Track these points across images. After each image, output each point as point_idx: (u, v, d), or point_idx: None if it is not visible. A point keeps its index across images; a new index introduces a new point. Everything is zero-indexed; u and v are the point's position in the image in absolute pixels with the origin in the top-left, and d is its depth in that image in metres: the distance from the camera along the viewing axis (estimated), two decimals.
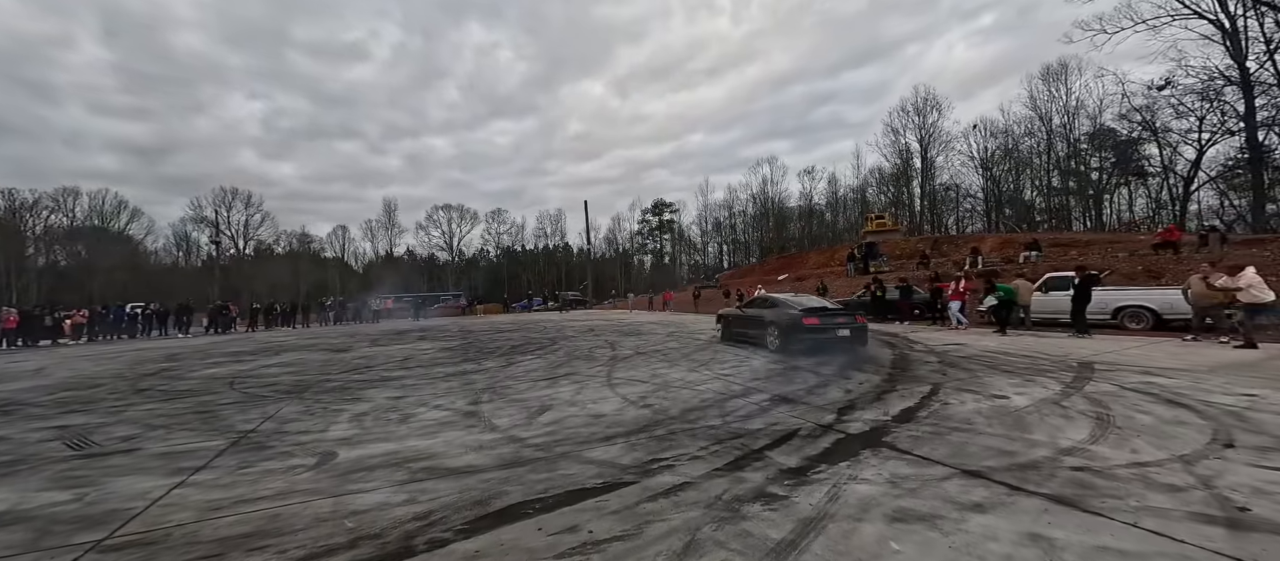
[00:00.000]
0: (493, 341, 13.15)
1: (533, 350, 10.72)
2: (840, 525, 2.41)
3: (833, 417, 4.42)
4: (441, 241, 69.13)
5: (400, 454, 3.81)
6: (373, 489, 3.11)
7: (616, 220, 76.51)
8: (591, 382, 6.57)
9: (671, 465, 3.36)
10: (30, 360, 12.07)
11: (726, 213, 69.75)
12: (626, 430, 4.25)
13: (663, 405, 5.13)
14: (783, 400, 5.16)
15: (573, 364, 8.36)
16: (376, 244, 68.65)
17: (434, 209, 68.83)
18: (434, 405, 5.51)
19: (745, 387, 5.88)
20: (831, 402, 4.99)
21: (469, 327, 19.62)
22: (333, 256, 67.58)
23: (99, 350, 14.71)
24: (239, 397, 6.30)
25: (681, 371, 7.20)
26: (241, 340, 16.87)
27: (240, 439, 4.37)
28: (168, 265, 60.17)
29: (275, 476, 3.40)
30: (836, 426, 4.14)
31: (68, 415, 5.58)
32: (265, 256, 61.77)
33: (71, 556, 2.38)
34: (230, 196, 58.59)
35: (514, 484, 3.11)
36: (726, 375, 6.76)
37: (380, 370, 8.42)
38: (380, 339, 15.20)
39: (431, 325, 22.73)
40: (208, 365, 9.85)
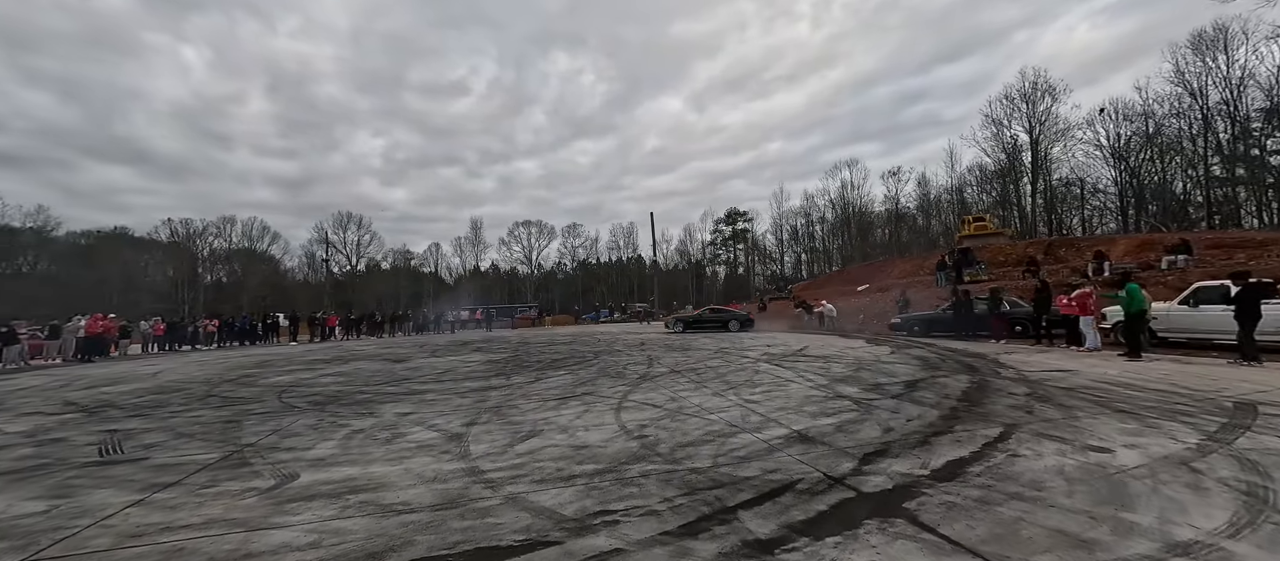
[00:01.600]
0: (540, 354, 13.19)
1: (570, 365, 10.50)
2: None
3: (851, 466, 3.55)
4: (521, 256, 72.95)
5: (354, 482, 3.60)
6: (291, 524, 2.89)
7: (688, 231, 75.90)
8: (601, 405, 6.10)
9: (616, 521, 2.79)
10: (161, 363, 14.17)
11: (803, 220, 66.34)
12: (597, 468, 3.73)
13: (658, 437, 4.53)
14: (801, 439, 4.32)
15: (598, 382, 7.95)
16: (464, 259, 74.10)
17: (515, 225, 72.89)
18: (431, 424, 5.36)
19: (765, 418, 5.07)
20: (860, 444, 4.08)
21: (529, 339, 20.09)
22: (429, 271, 74.17)
23: (219, 355, 16.98)
24: (274, 408, 6.66)
25: (705, 395, 6.49)
26: (331, 349, 18.65)
27: (232, 454, 4.47)
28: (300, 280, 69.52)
29: (222, 500, 3.33)
30: (849, 480, 3.29)
31: (132, 418, 6.21)
32: (374, 272, 69.35)
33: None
34: (346, 220, 66.49)
35: (430, 532, 2.72)
36: (751, 402, 5.95)
37: (414, 383, 8.62)
38: (441, 350, 15.96)
39: (496, 336, 23.67)
40: (280, 373, 10.81)
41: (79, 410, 6.93)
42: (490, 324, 30.02)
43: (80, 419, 6.32)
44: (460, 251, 73.73)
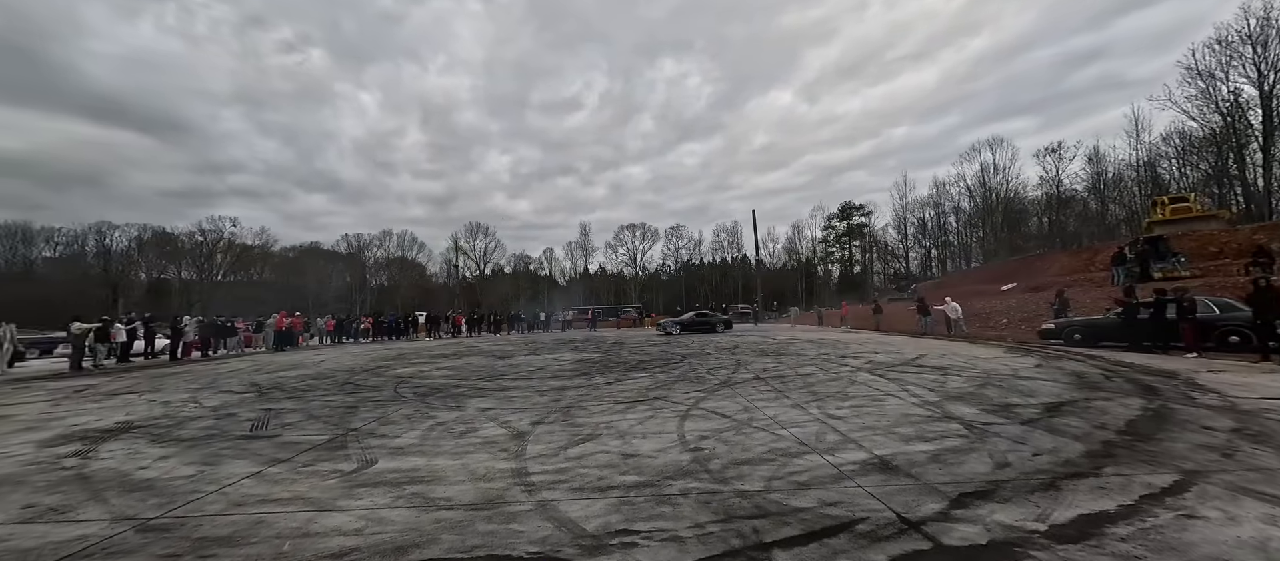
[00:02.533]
0: (629, 356, 13.33)
1: (654, 367, 10.42)
2: None
3: (937, 508, 2.90)
4: (627, 258, 75.28)
5: (416, 473, 3.88)
6: (350, 508, 3.17)
7: (796, 228, 71.90)
8: (668, 411, 5.89)
9: (634, 543, 2.58)
10: (327, 354, 17.11)
11: (932, 211, 58.75)
12: (638, 480, 3.54)
13: (715, 451, 4.20)
14: (882, 467, 3.68)
15: (674, 387, 7.74)
16: (575, 262, 78.63)
17: (621, 229, 75.43)
18: (503, 421, 5.63)
19: (844, 438, 4.44)
20: (959, 480, 3.34)
21: (626, 340, 20.51)
22: (544, 274, 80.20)
23: (369, 348, 20.04)
24: (387, 397, 7.57)
25: (783, 406, 5.93)
26: (454, 345, 20.96)
27: (338, 437, 5.12)
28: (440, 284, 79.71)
29: (311, 479, 3.79)
30: (928, 525, 2.68)
31: (287, 399, 7.50)
32: (498, 275, 76.94)
33: (129, 527, 2.96)
34: (475, 229, 74.64)
35: (455, 533, 2.78)
36: (834, 417, 5.27)
37: (506, 379, 9.22)
38: (542, 348, 16.98)
39: (597, 336, 24.57)
40: (406, 366, 12.34)
41: (256, 390, 8.59)
42: (595, 324, 31.32)
43: (253, 398, 7.80)
44: (571, 255, 78.40)
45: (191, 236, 60.14)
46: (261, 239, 64.88)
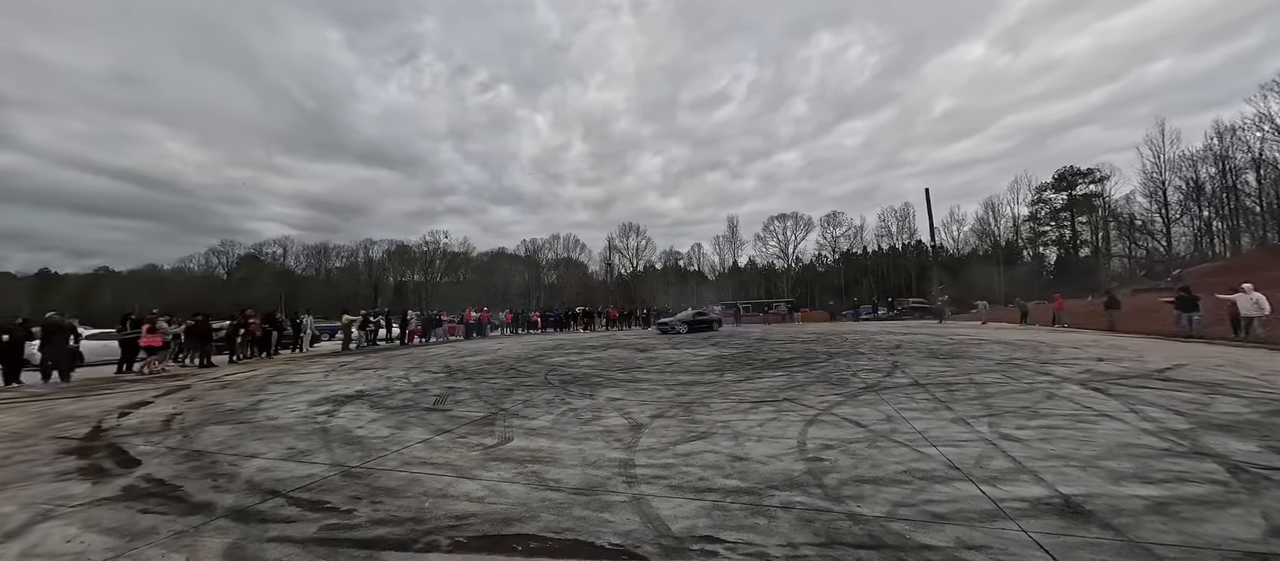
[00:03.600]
0: (770, 353, 12.70)
1: (794, 366, 9.73)
2: None
3: None
4: (777, 250, 71.90)
5: (539, 453, 4.28)
6: (480, 478, 3.65)
7: (990, 206, 59.70)
8: (794, 415, 5.44)
9: (715, 553, 2.44)
10: (504, 343, 20.02)
11: (1212, 170, 43.06)
12: (739, 485, 3.34)
13: (836, 464, 3.73)
14: (1067, 509, 2.83)
15: (810, 388, 7.12)
16: (722, 256, 78.00)
17: (770, 220, 72.36)
18: (627, 412, 5.87)
19: (1018, 465, 3.52)
20: (1198, 543, 2.39)
21: (772, 336, 19.59)
22: (693, 269, 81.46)
23: (537, 339, 22.84)
24: (538, 383, 8.52)
25: (939, 420, 4.98)
26: (605, 338, 22.63)
27: (490, 415, 5.94)
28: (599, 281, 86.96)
29: (461, 449, 4.47)
30: None
31: (465, 379, 8.99)
32: (649, 272, 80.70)
33: (338, 471, 3.89)
34: (628, 229, 79.42)
35: (553, 514, 2.99)
36: (1009, 438, 4.22)
37: (640, 372, 9.58)
38: (682, 343, 17.22)
39: (741, 332, 23.95)
40: (561, 355, 13.72)
41: (446, 371, 10.49)
42: (738, 318, 30.62)
43: (443, 377, 9.55)
44: (719, 249, 77.97)
45: (419, 247, 76.31)
46: (464, 247, 78.98)
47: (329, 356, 15.67)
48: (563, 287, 77.33)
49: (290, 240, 73.32)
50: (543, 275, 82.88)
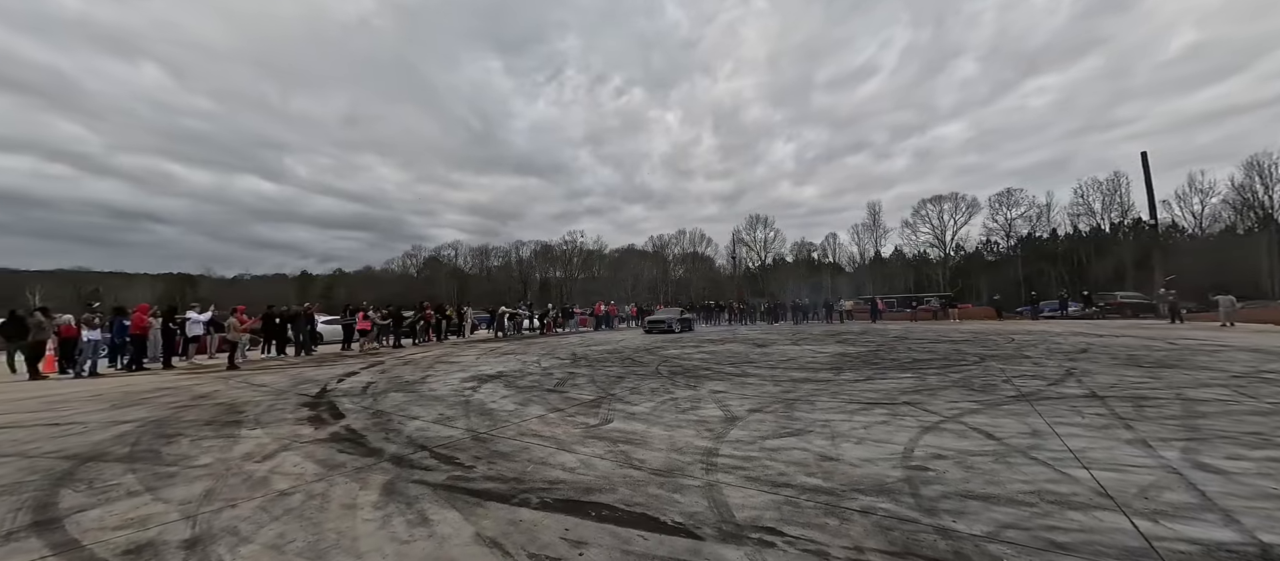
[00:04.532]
0: (908, 352, 11.39)
1: (926, 367, 8.63)
2: None
3: None
4: (931, 237, 63.04)
5: (632, 435, 4.59)
6: (577, 452, 4.09)
7: (1256, 168, 44.29)
8: (910, 421, 4.91)
9: (772, 544, 2.45)
10: (626, 335, 21.09)
11: None
12: (820, 484, 3.22)
13: (943, 475, 3.34)
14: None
15: (940, 394, 6.30)
16: (862, 246, 71.07)
17: (922, 203, 63.65)
18: (725, 404, 5.90)
19: (1205, 500, 2.77)
20: None
21: (911, 334, 17.40)
22: (828, 261, 75.86)
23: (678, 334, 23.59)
24: (649, 372, 8.93)
25: (1106, 440, 4.06)
26: (725, 332, 22.41)
27: (599, 398, 6.46)
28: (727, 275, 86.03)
29: (567, 426, 5.00)
30: None
31: (587, 366, 9.81)
32: (779, 265, 77.27)
33: (469, 435, 4.69)
34: (756, 221, 77.03)
35: (630, 489, 3.25)
36: (1208, 467, 3.29)
37: (752, 366, 9.39)
38: (805, 339, 16.26)
39: (878, 329, 21.63)
40: (678, 347, 14.05)
41: (572, 358, 11.54)
42: (877, 315, 27.66)
43: (567, 363, 10.55)
44: (857, 238, 71.28)
45: (559, 246, 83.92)
46: (597, 245, 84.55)
47: (483, 342, 18.29)
48: (689, 282, 78.18)
49: (459, 243, 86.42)
50: (670, 270, 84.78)
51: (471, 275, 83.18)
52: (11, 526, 2.84)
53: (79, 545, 2.59)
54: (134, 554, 2.49)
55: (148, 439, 4.75)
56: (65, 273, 59.32)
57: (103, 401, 6.85)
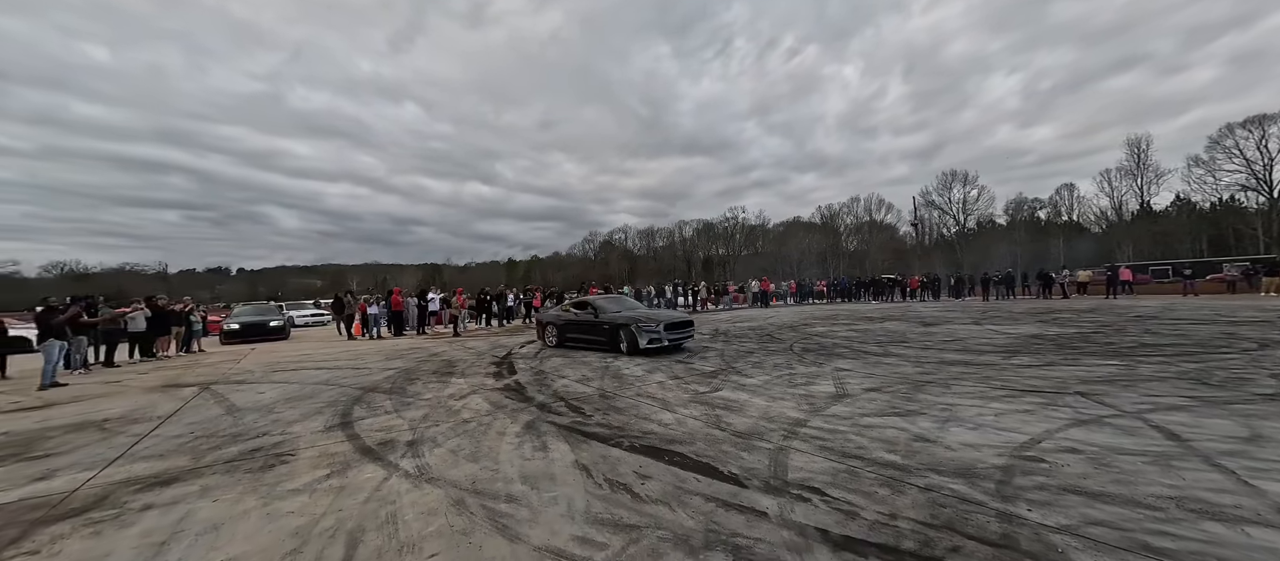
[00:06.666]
0: (1136, 336, 8.86)
1: (1159, 356, 6.70)
2: None
3: None
4: (1244, 176, 44.46)
5: (733, 404, 4.96)
6: (677, 412, 4.67)
7: None
8: (1063, 413, 4.17)
9: (807, 500, 2.68)
10: (781, 312, 20.51)
11: None
12: (895, 462, 3.19)
13: (1062, 469, 2.97)
14: None
15: (1142, 386, 5.01)
16: (1119, 198, 54.16)
17: (1226, 129, 45.12)
18: (842, 382, 5.75)
19: None
20: None
21: (1172, 312, 13.00)
22: (1063, 221, 60.01)
23: (815, 309, 22.28)
24: (779, 349, 8.91)
25: None
26: (892, 308, 20.00)
27: (718, 370, 6.88)
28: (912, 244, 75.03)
29: (679, 390, 5.61)
30: None
31: (723, 341, 10.23)
32: (986, 229, 63.98)
33: (607, 390, 5.67)
34: (950, 179, 65.09)
35: (706, 444, 3.72)
36: None
37: (903, 346, 8.55)
38: (990, 318, 13.60)
39: (1107, 306, 16.58)
40: (826, 324, 13.33)
41: (713, 333, 12.02)
42: (1116, 289, 20.95)
43: (707, 338, 11.07)
44: (1111, 188, 54.56)
45: (721, 224, 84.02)
46: (760, 219, 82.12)
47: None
48: (864, 254, 70.49)
49: (628, 227, 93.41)
50: (843, 242, 77.61)
51: (639, 256, 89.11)
52: (330, 423, 4.73)
53: (359, 436, 4.23)
54: (384, 444, 3.98)
55: (401, 381, 6.94)
56: (369, 266, 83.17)
57: (382, 356, 9.98)
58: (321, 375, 7.69)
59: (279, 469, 3.52)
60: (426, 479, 3.22)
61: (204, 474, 3.48)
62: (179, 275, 72.99)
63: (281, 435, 4.38)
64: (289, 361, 9.56)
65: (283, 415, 5.13)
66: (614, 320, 9.07)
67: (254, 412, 5.29)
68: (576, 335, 9.76)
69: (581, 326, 9.71)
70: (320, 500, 2.95)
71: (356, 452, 3.82)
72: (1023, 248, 54.57)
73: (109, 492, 3.21)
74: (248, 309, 17.36)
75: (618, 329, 8.86)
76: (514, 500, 2.85)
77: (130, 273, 64.39)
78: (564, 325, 10.07)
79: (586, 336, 9.56)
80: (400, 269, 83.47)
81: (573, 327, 9.87)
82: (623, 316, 9.14)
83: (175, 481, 3.36)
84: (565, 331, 10.00)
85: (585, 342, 9.59)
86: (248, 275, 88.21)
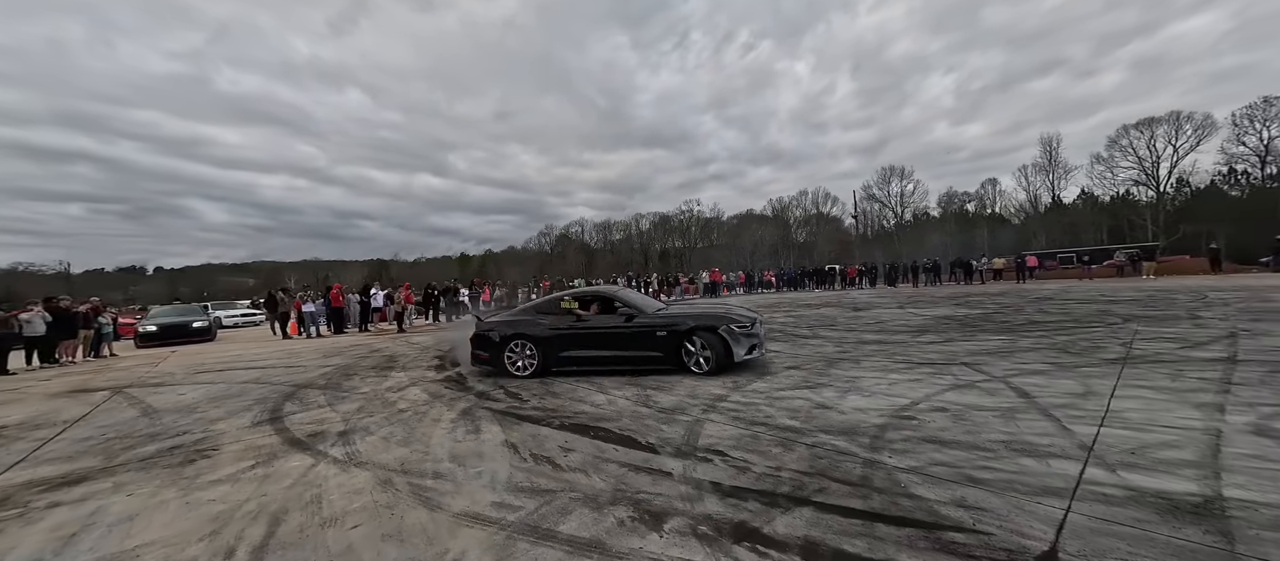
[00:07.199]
0: (1029, 315, 9.96)
1: (1039, 331, 7.63)
2: None
3: None
4: (1136, 173, 49.90)
5: (662, 385, 5.27)
6: (605, 395, 4.92)
7: None
8: (942, 379, 4.76)
9: (709, 460, 3.00)
10: (729, 301, 21.27)
11: None
12: (794, 426, 3.59)
13: (927, 425, 3.45)
14: (1198, 512, 2.13)
15: (1016, 356, 5.75)
16: (1033, 192, 59.30)
17: (1122, 130, 50.39)
18: (778, 360, 6.20)
19: (1206, 459, 2.55)
20: None
21: (1067, 295, 14.63)
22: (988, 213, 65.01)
23: (764, 298, 23.27)
24: None
25: (1156, 401, 3.60)
26: (833, 296, 21.23)
27: None
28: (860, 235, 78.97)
29: (619, 375, 5.86)
30: None
31: None
32: (921, 221, 68.36)
33: (546, 378, 5.84)
34: (889, 173, 68.91)
35: (631, 421, 3.99)
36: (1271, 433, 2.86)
37: (832, 329, 9.22)
38: (915, 302, 14.80)
39: (1017, 290, 18.41)
40: (768, 312, 14.03)
41: None
42: (1023, 273, 23.25)
43: None
44: (1028, 183, 59.58)
45: (677, 216, 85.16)
46: (715, 212, 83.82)
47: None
48: (813, 245, 73.61)
49: (585, 220, 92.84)
50: (792, 233, 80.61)
51: (597, 249, 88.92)
52: (258, 419, 4.66)
53: (288, 430, 4.22)
54: (314, 436, 4.00)
55: (337, 377, 6.82)
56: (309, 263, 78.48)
57: (319, 354, 9.66)
58: (251, 374, 7.41)
59: (200, 463, 3.50)
60: (355, 463, 3.32)
61: (118, 472, 3.41)
62: (84, 275, 66.01)
63: (203, 432, 4.29)
64: (215, 363, 9.10)
65: (206, 414, 5.00)
66: (676, 322, 5.81)
67: (174, 413, 5.11)
68: (579, 353, 6.00)
69: (594, 338, 6.00)
70: (244, 488, 2.99)
71: (284, 444, 3.84)
72: (953, 238, 58.74)
73: (9, 495, 3.10)
74: (167, 309, 16.20)
75: (686, 335, 5.68)
76: (441, 476, 3.02)
77: (25, 273, 57.71)
78: (551, 339, 6.05)
79: (603, 353, 5.95)
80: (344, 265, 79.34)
81: (573, 341, 6.03)
82: (693, 314, 6.01)
83: (85, 480, 3.28)
84: (553, 348, 6.04)
85: (599, 363, 5.95)
86: (168, 274, 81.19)
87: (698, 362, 5.59)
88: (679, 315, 6.01)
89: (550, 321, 6.21)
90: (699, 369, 5.56)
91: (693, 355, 5.62)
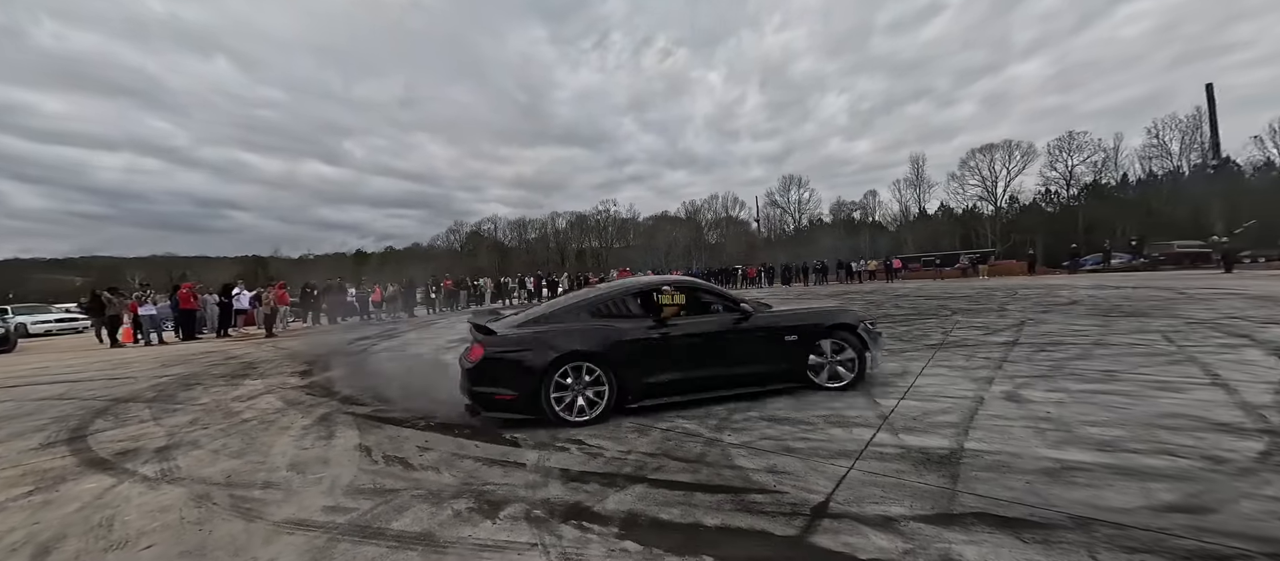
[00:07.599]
0: (882, 309, 11.42)
1: (891, 321, 8.79)
2: None
3: None
4: (981, 190, 59.07)
5: None
6: None
7: None
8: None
9: (567, 451, 3.10)
10: None
11: None
12: (681, 416, 3.81)
13: (799, 402, 3.85)
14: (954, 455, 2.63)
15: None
16: (904, 203, 67.70)
17: (970, 153, 59.43)
18: None
19: (1003, 422, 3.16)
20: None
21: (920, 292, 17.02)
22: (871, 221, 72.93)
23: None
24: None
25: (945, 379, 4.38)
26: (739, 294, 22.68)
27: None
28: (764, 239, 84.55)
29: None
30: None
31: None
32: (817, 226, 75.07)
33: (410, 384, 5.58)
34: (789, 182, 74.78)
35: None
36: (1026, 400, 3.61)
37: None
38: (788, 300, 16.35)
39: (881, 289, 21.14)
40: None
41: None
42: (890, 274, 26.82)
43: None
44: (899, 195, 67.86)
45: (594, 216, 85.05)
46: (631, 213, 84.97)
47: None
48: (723, 247, 77.56)
49: (498, 217, 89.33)
50: (704, 235, 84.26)
51: (511, 248, 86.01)
52: (51, 439, 3.95)
53: (90, 449, 3.63)
54: (123, 454, 3.49)
55: (173, 387, 5.97)
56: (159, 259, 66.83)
57: (157, 363, 8.34)
58: (56, 389, 6.23)
59: None
60: (169, 480, 2.96)
61: None
62: None
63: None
64: (9, 378, 7.50)
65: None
66: (806, 320, 4.36)
67: None
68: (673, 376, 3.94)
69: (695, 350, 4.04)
70: (10, 517, 2.55)
71: (80, 465, 3.30)
72: (841, 242, 65.26)
73: None
74: None
75: (827, 332, 4.31)
76: (271, 486, 2.80)
77: None
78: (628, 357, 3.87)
79: (710, 373, 4.05)
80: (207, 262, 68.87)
81: (664, 357, 3.95)
82: (813, 311, 4.59)
83: None
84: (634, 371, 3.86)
85: (704, 387, 4.04)
86: None
87: (834, 374, 4.24)
88: (800, 312, 4.54)
89: (622, 328, 3.97)
90: (836, 382, 4.20)
91: (823, 365, 4.25)
